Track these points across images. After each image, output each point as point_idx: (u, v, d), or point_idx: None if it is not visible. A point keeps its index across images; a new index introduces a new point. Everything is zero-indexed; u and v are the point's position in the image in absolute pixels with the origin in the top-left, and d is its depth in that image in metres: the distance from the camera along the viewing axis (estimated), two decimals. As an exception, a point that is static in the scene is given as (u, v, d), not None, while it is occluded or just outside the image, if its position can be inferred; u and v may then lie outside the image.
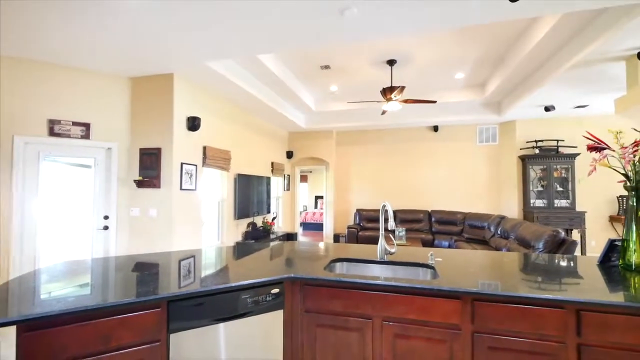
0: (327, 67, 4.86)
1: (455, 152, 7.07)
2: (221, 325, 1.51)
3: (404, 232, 4.82)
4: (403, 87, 4.30)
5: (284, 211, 7.69)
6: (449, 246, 5.88)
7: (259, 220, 6.10)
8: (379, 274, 2.02)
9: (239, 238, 5.47)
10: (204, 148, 4.37)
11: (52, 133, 3.43)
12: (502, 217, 5.29)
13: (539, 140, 6.09)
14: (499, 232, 5.01)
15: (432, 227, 6.69)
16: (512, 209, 6.40)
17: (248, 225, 5.68)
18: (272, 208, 6.91)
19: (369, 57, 4.48)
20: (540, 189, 6.05)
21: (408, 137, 7.40)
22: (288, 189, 7.88)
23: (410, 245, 4.75)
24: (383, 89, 4.53)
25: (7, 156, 3.26)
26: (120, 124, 3.86)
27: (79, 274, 1.70)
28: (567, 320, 1.35)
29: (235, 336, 1.55)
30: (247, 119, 5.72)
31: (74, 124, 3.54)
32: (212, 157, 4.51)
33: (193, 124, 4.02)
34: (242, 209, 5.35)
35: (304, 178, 13.32)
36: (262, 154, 6.36)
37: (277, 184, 7.35)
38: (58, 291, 1.41)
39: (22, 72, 3.33)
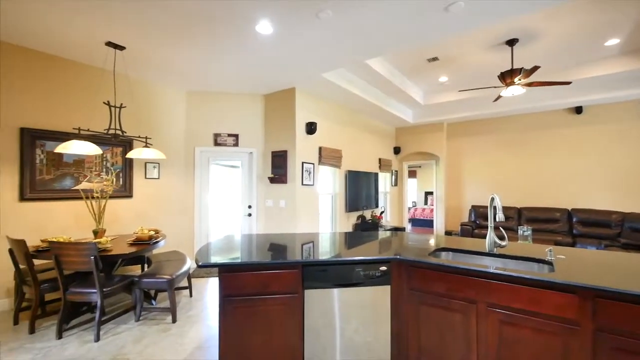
0: (434, 59, 4.76)
1: (608, 137, 5.67)
2: (337, 290, 1.90)
3: (529, 232, 4.26)
4: (527, 70, 3.84)
5: (391, 206, 7.82)
6: (598, 253, 4.81)
7: (367, 214, 6.46)
8: (485, 264, 2.03)
9: (350, 229, 5.97)
10: (320, 148, 5.01)
11: (216, 143, 4.66)
12: (686, 220, 4.01)
13: None
14: (678, 239, 3.84)
15: (572, 229, 5.59)
16: None
17: (358, 217, 6.12)
18: (380, 202, 7.16)
19: (483, 40, 4.17)
20: None
21: (537, 124, 6.36)
22: (395, 185, 7.96)
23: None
24: (501, 73, 4.14)
25: (191, 162, 4.63)
26: (257, 133, 4.87)
27: (238, 244, 2.41)
28: None
29: (347, 301, 1.92)
30: (356, 119, 6.15)
31: (229, 135, 4.70)
32: (326, 156, 5.11)
33: (310, 128, 4.68)
34: (352, 202, 5.81)
35: (412, 173, 12.98)
36: (370, 151, 6.69)
37: (384, 180, 7.54)
38: (231, 253, 2.09)
39: (199, 101, 4.66)
